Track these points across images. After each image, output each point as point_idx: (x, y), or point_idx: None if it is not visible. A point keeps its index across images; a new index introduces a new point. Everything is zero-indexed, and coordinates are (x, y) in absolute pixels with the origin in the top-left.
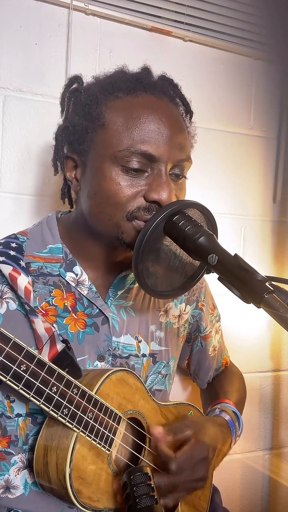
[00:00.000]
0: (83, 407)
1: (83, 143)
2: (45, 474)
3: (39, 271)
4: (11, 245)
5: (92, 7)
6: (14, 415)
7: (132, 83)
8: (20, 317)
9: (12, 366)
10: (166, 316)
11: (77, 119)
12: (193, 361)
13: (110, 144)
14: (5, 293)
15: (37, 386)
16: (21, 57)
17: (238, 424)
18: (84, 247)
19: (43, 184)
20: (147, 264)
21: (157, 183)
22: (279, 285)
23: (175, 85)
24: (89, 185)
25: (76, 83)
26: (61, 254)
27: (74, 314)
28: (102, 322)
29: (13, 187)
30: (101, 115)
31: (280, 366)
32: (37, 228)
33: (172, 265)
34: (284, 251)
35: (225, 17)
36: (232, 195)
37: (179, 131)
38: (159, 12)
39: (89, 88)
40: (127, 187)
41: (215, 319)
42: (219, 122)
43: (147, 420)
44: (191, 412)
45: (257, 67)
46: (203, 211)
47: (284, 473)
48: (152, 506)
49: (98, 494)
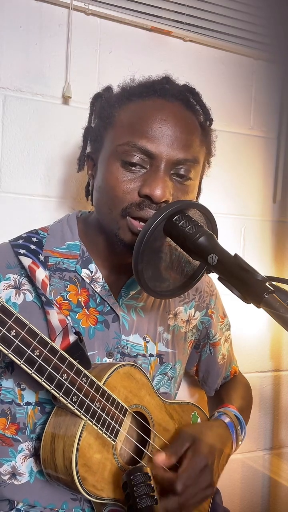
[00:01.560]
0: (91, 396)
1: (97, 142)
2: (51, 461)
3: (56, 266)
4: (32, 240)
5: (92, 7)
6: (24, 403)
7: (146, 88)
8: (35, 308)
9: (26, 350)
10: (174, 319)
11: (96, 121)
12: (202, 368)
13: (114, 140)
14: (23, 285)
15: (48, 372)
16: (21, 57)
17: (240, 428)
18: (99, 246)
19: (43, 184)
20: (146, 264)
21: (152, 179)
22: (279, 285)
23: (196, 93)
24: (97, 180)
25: (106, 92)
26: (78, 251)
27: (86, 310)
28: (112, 320)
29: (13, 187)
30: (112, 115)
31: (280, 366)
32: (57, 225)
33: (172, 265)
34: (284, 251)
35: (225, 17)
36: (232, 195)
37: (184, 132)
38: (159, 12)
39: (111, 94)
40: (124, 182)
41: (225, 328)
42: (219, 122)
43: (152, 416)
44: (195, 412)
45: (257, 67)
46: (203, 211)
47: (284, 473)
48: (152, 506)
49: (102, 484)
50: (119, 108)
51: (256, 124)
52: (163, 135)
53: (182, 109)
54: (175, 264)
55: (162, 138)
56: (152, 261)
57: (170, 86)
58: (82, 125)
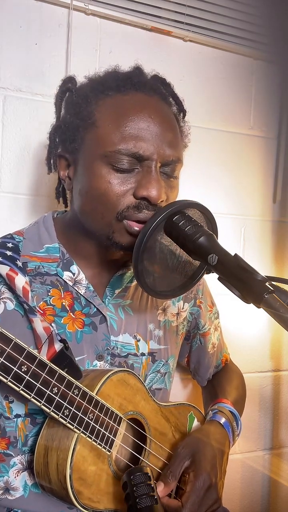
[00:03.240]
0: (84, 408)
1: (74, 142)
2: (45, 475)
3: (36, 270)
4: (7, 245)
5: (92, 7)
6: (13, 416)
7: (122, 82)
8: (18, 317)
9: (13, 367)
10: (164, 314)
11: (69, 118)
12: (193, 359)
13: (101, 143)
14: (2, 293)
15: (38, 387)
16: (21, 57)
17: (236, 424)
18: (80, 246)
19: (43, 184)
20: (147, 264)
21: (147, 180)
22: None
23: (167, 84)
24: (80, 183)
25: (69, 83)
26: (58, 253)
27: (72, 313)
28: (100, 321)
29: (13, 187)
30: (92, 113)
31: (280, 366)
32: (33, 227)
33: (172, 265)
34: (284, 251)
35: (225, 17)
36: (232, 195)
37: (169, 129)
38: (159, 12)
39: (81, 88)
40: (117, 185)
41: (214, 316)
42: (219, 122)
43: (148, 421)
44: (191, 413)
45: (257, 67)
46: (203, 211)
47: (284, 473)
48: (152, 506)
49: (99, 495)
50: (96, 104)
51: (256, 124)
52: (152, 135)
53: (162, 103)
54: (175, 264)
55: (152, 138)
56: (152, 261)
57: (143, 78)
58: None
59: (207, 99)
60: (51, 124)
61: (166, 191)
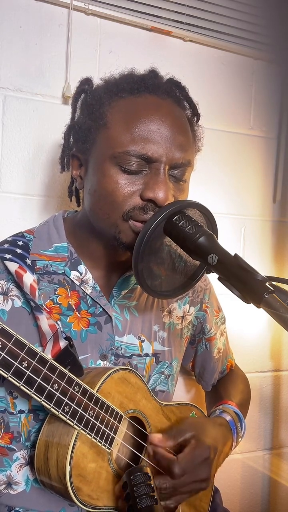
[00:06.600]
0: (84, 404)
1: (86, 142)
2: (45, 471)
3: (44, 269)
4: (18, 243)
5: (92, 7)
6: (17, 411)
7: (136, 84)
8: (25, 314)
9: (14, 362)
10: (169, 316)
11: (82, 119)
12: (198, 363)
13: (111, 144)
14: (10, 291)
15: (38, 383)
16: (21, 57)
17: (240, 425)
18: (89, 247)
19: (43, 184)
20: (147, 264)
21: (154, 182)
22: (279, 285)
23: (182, 87)
24: (90, 183)
25: (86, 85)
26: (66, 253)
27: (77, 312)
28: (105, 321)
29: (13, 187)
30: (104, 114)
31: (280, 366)
32: (43, 227)
33: (172, 265)
34: (284, 251)
35: (225, 17)
36: (232, 195)
37: (180, 132)
38: (159, 12)
39: (96, 89)
40: (124, 186)
41: (220, 321)
42: (219, 122)
43: (149, 420)
44: (193, 413)
45: (257, 67)
46: (203, 211)
47: (284, 473)
48: (152, 506)
49: (98, 492)
50: (109, 106)
51: (256, 124)
52: (162, 138)
53: (175, 107)
54: (175, 264)
55: (162, 140)
56: (152, 261)
57: (158, 80)
58: None
59: (207, 99)
60: (65, 124)
61: (175, 194)
